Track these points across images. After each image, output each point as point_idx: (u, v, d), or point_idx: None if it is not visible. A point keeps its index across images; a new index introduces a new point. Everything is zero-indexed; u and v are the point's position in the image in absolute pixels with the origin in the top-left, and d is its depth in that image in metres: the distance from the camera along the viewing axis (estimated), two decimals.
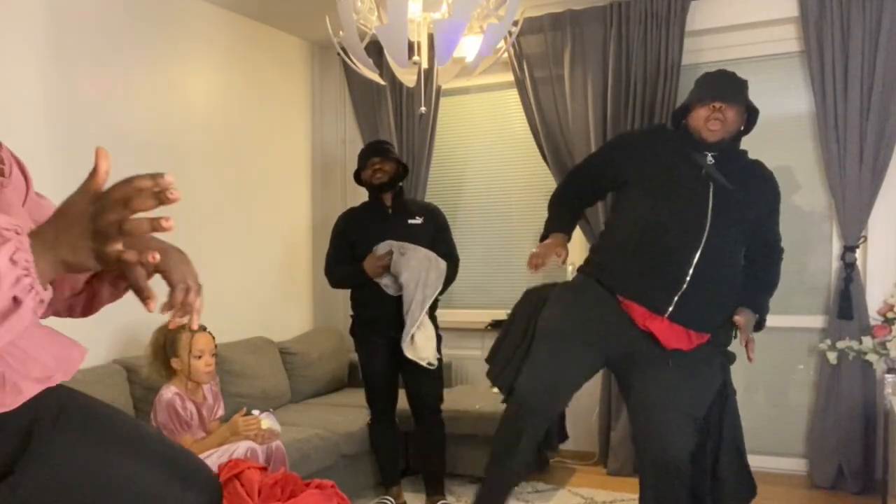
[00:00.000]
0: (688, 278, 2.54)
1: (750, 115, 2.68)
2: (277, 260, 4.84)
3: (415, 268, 3.50)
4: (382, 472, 3.84)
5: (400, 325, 3.51)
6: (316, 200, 5.20)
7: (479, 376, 4.66)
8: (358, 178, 3.75)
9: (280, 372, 4.30)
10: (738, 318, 2.66)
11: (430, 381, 3.61)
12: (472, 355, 4.65)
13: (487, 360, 2.91)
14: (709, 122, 2.57)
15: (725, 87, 2.60)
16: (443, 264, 3.58)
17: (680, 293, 2.55)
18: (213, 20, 4.27)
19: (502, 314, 4.63)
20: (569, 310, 2.72)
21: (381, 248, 3.54)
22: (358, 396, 4.42)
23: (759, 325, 2.74)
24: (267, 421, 3.09)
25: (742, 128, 2.69)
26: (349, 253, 3.68)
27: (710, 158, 2.62)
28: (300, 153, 5.09)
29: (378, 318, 3.60)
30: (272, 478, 2.80)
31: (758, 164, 2.79)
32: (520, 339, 2.77)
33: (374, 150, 3.71)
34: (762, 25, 4.06)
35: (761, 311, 2.72)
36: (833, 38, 3.77)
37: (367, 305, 3.64)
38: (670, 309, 2.56)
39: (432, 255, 3.57)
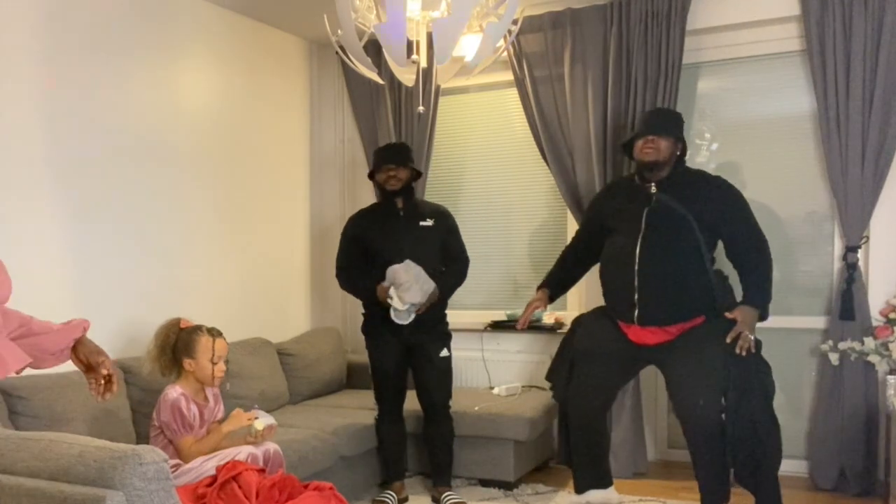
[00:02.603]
0: (636, 285, 3.20)
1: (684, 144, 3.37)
2: (275, 260, 4.81)
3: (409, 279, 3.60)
4: (386, 468, 3.88)
5: (411, 324, 3.62)
6: (314, 200, 5.18)
7: (478, 377, 4.65)
8: (372, 176, 3.83)
9: (278, 373, 4.27)
10: (733, 314, 3.15)
11: (438, 378, 3.76)
12: (472, 356, 4.63)
13: (547, 378, 3.68)
14: (644, 150, 3.26)
15: (655, 122, 3.32)
16: (432, 287, 3.63)
17: (636, 299, 3.20)
18: (210, 19, 4.24)
19: (502, 315, 4.64)
20: (591, 335, 3.44)
21: (391, 276, 3.60)
22: (356, 397, 4.42)
23: (763, 317, 3.20)
24: (261, 422, 3.06)
25: (679, 153, 3.31)
26: (361, 256, 3.76)
27: (653, 188, 3.28)
28: (298, 152, 5.07)
29: (387, 317, 3.66)
30: (270, 480, 2.79)
31: (704, 177, 3.39)
32: (566, 362, 3.51)
33: (389, 157, 3.73)
34: (763, 24, 4.04)
35: (758, 304, 3.18)
36: (835, 36, 3.75)
37: (378, 304, 3.69)
38: (636, 314, 3.22)
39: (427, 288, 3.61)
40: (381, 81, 3.58)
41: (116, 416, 3.26)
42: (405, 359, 3.76)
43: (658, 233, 3.21)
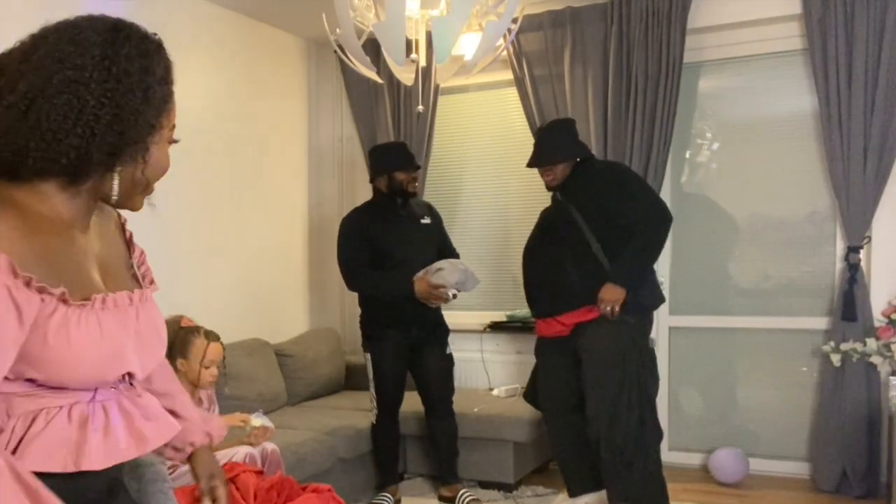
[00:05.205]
0: (527, 282, 3.48)
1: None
2: (273, 260, 4.79)
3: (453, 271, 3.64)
4: (382, 471, 3.87)
5: (415, 323, 3.68)
6: (312, 200, 5.16)
7: (478, 378, 4.62)
8: (380, 175, 3.71)
9: (276, 374, 4.25)
10: (599, 293, 3.22)
11: (442, 376, 3.79)
12: (472, 357, 4.60)
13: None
14: (544, 178, 3.45)
15: (540, 154, 3.42)
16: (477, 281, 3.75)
17: (530, 295, 3.47)
18: (209, 18, 4.22)
19: (501, 315, 4.61)
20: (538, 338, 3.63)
21: (442, 272, 3.59)
22: (355, 398, 4.39)
23: (631, 289, 3.23)
24: (258, 420, 3.05)
25: (578, 159, 3.40)
26: (369, 254, 3.69)
27: (558, 196, 3.46)
28: (296, 152, 5.05)
29: (395, 318, 3.68)
30: (268, 481, 2.77)
31: (601, 167, 3.53)
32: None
33: (411, 161, 3.75)
34: (765, 23, 4.02)
35: (619, 282, 3.21)
36: (836, 35, 3.73)
37: (384, 305, 3.69)
38: (535, 308, 3.47)
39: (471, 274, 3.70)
40: (379, 80, 3.57)
41: None
42: (407, 360, 3.77)
43: (546, 231, 3.44)
